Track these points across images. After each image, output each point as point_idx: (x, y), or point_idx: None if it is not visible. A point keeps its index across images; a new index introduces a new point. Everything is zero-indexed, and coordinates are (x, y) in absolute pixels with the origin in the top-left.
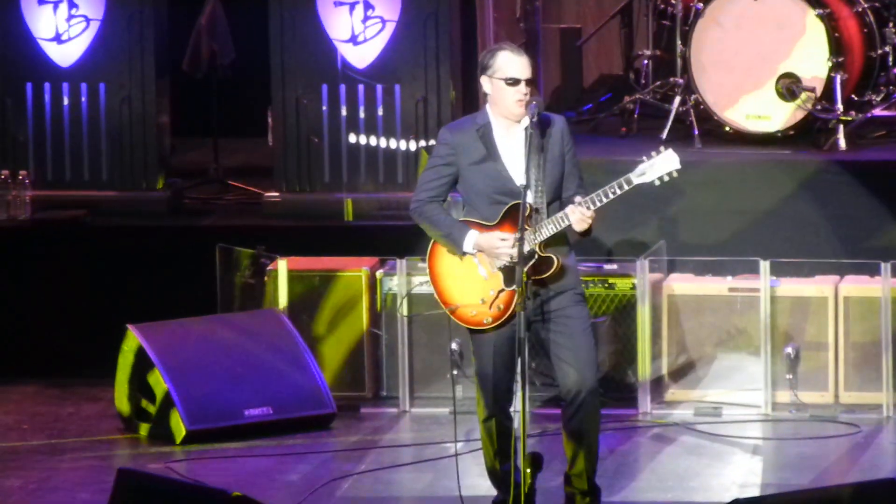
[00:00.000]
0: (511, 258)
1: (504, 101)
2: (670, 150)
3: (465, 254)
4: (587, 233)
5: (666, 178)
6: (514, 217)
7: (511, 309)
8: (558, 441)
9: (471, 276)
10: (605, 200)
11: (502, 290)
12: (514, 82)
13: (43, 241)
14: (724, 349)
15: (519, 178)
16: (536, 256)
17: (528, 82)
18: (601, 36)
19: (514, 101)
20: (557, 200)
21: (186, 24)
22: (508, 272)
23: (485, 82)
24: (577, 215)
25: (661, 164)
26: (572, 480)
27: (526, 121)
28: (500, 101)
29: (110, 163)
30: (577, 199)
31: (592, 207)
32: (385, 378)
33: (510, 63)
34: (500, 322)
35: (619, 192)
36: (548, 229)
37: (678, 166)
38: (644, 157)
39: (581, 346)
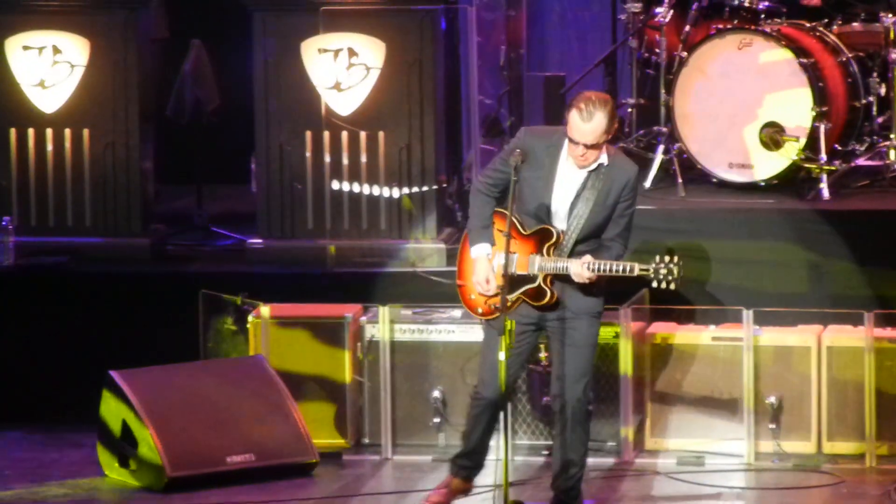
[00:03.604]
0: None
1: (570, 152)
2: (673, 263)
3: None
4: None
5: (664, 286)
6: (540, 237)
7: (495, 315)
8: (548, 490)
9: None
10: (605, 272)
11: (498, 293)
12: (575, 143)
13: (26, 287)
14: (706, 398)
15: (558, 205)
16: (537, 284)
17: (591, 147)
18: (585, 84)
19: (575, 158)
20: (594, 239)
21: (171, 70)
22: (510, 279)
23: None
24: (576, 269)
25: (663, 272)
26: (559, 485)
27: (595, 165)
28: (568, 147)
29: (93, 209)
30: (587, 256)
31: (594, 272)
32: (367, 425)
33: (575, 127)
34: (489, 317)
35: (621, 273)
36: (551, 266)
37: (675, 278)
38: (657, 258)
39: (576, 360)
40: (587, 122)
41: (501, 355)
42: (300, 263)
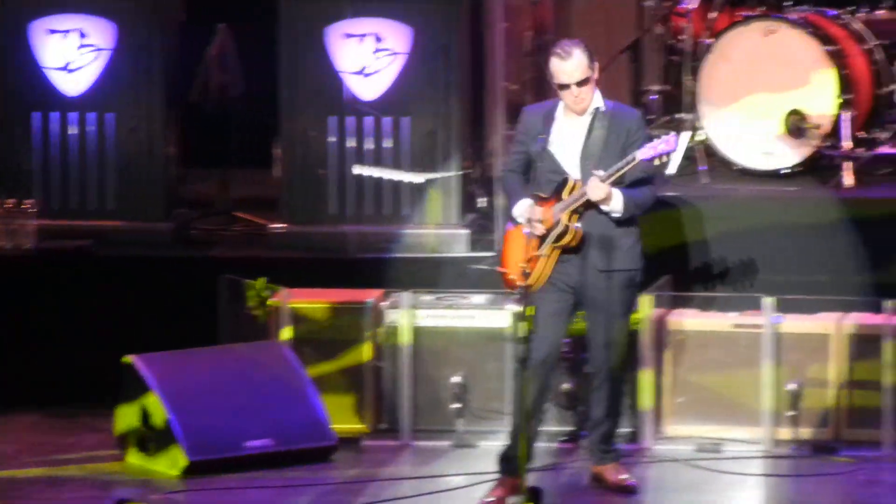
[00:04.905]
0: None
1: (564, 100)
2: (672, 134)
3: (515, 222)
4: (607, 205)
5: (665, 160)
6: (558, 190)
7: (534, 274)
8: (568, 476)
9: (523, 243)
10: (616, 172)
11: (532, 257)
12: (564, 87)
13: (48, 271)
14: (726, 385)
15: (567, 162)
16: (562, 225)
17: (581, 83)
18: (610, 70)
19: (570, 102)
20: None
21: (196, 55)
22: (539, 240)
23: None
24: (592, 184)
25: (661, 146)
26: (594, 440)
27: (592, 110)
28: (562, 98)
29: (117, 193)
30: (598, 170)
31: (607, 179)
32: (387, 411)
33: (558, 70)
34: (527, 284)
35: (629, 164)
36: (570, 201)
37: (674, 150)
38: (653, 139)
39: (611, 330)
40: (567, 60)
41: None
42: (322, 249)
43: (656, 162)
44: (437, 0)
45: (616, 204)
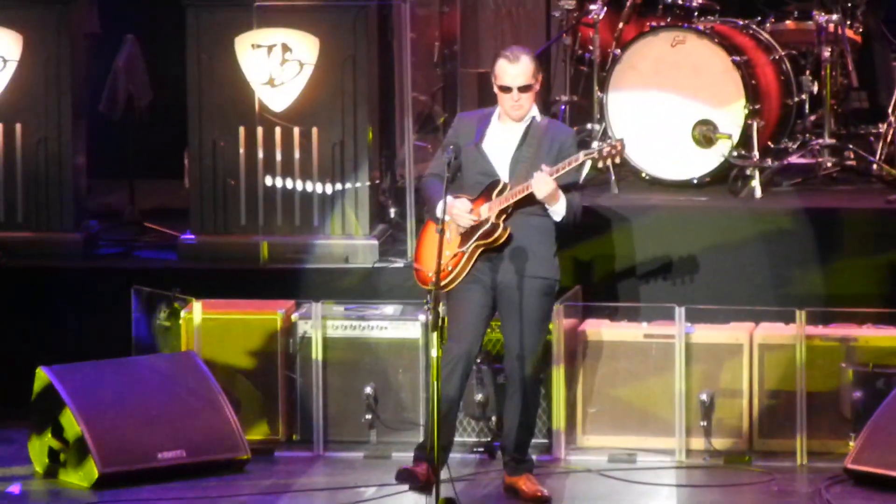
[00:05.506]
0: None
1: (502, 104)
2: (619, 139)
3: (437, 219)
4: (552, 204)
5: (612, 161)
6: (487, 190)
7: (454, 271)
8: (483, 487)
9: (437, 240)
10: (562, 170)
11: (455, 253)
12: (506, 90)
13: None
14: (638, 395)
15: (498, 165)
16: (490, 223)
17: (523, 89)
18: None
19: (509, 107)
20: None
21: (103, 65)
22: (463, 237)
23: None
24: (538, 177)
25: (607, 149)
26: (507, 450)
27: (528, 119)
28: (500, 103)
29: (25, 204)
30: (544, 165)
31: (553, 174)
32: (299, 422)
33: (503, 71)
34: (448, 281)
35: (574, 165)
36: (509, 194)
37: (620, 154)
38: (596, 142)
39: (526, 338)
40: (515, 63)
41: (434, 352)
42: (233, 259)
43: (599, 164)
44: (344, 10)
45: (560, 205)
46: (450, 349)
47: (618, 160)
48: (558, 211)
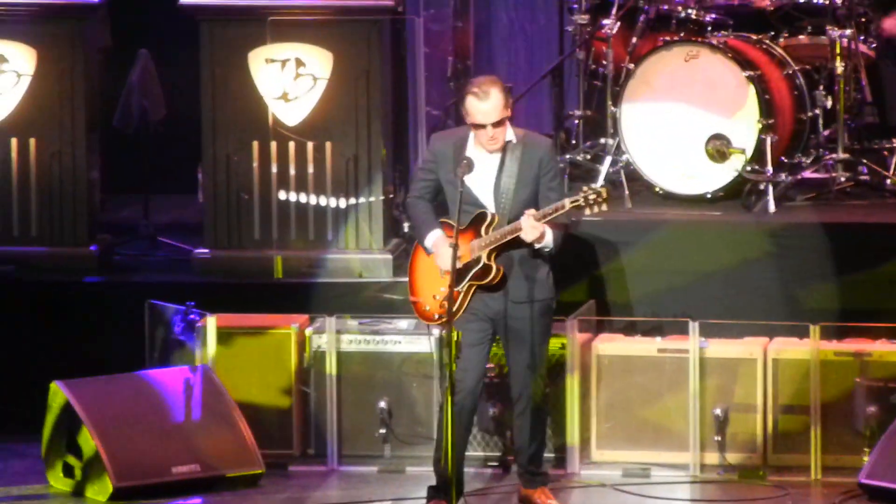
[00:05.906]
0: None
1: (478, 139)
2: (602, 186)
3: (426, 249)
4: (541, 243)
5: (597, 209)
6: (476, 224)
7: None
8: (498, 500)
9: (434, 272)
10: (548, 214)
11: (455, 293)
12: (480, 127)
13: None
14: (652, 410)
15: (481, 194)
16: (482, 264)
17: (497, 124)
18: (532, 95)
19: (485, 141)
20: None
21: (118, 79)
22: (457, 275)
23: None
24: (526, 221)
25: (592, 196)
26: (523, 465)
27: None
28: (475, 137)
29: (39, 218)
30: (531, 210)
31: (541, 218)
32: (313, 436)
33: (475, 109)
34: (444, 319)
35: (558, 210)
36: (496, 236)
37: (603, 202)
38: (584, 187)
39: (531, 357)
40: (485, 100)
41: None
42: (246, 274)
43: (587, 211)
44: (358, 24)
45: (548, 241)
46: (460, 382)
47: (605, 207)
48: (547, 245)
